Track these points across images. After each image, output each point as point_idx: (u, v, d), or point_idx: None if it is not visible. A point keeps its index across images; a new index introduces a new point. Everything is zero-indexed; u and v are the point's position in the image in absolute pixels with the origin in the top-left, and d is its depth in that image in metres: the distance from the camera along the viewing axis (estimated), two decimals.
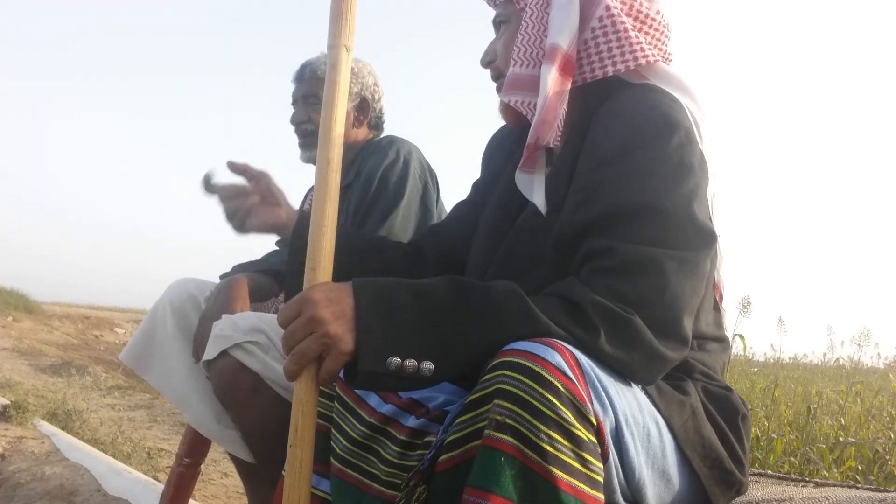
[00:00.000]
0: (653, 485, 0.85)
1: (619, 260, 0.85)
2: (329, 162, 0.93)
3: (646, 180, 0.89)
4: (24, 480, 2.48)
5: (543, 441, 0.69)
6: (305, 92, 1.81)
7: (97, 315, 12.21)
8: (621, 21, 1.00)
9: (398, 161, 1.73)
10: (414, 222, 1.73)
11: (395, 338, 0.79)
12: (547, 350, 0.73)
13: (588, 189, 0.93)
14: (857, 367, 7.16)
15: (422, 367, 0.79)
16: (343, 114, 0.96)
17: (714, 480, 0.91)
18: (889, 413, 3.66)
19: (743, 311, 2.91)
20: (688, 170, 0.91)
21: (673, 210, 0.88)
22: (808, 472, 2.73)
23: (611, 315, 0.81)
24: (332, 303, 0.81)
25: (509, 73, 1.04)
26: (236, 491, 2.81)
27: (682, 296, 0.86)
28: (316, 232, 0.89)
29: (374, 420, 1.00)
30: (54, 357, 7.57)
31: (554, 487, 0.68)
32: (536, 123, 0.99)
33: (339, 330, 0.79)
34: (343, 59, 0.95)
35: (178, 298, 1.67)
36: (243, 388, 1.46)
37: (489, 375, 0.74)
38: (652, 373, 0.85)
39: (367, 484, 0.98)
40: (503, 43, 1.11)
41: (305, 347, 0.81)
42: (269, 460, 1.46)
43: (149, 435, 3.89)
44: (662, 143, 0.91)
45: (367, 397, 1.02)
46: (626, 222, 0.88)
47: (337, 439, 1.03)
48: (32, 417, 3.53)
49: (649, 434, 0.84)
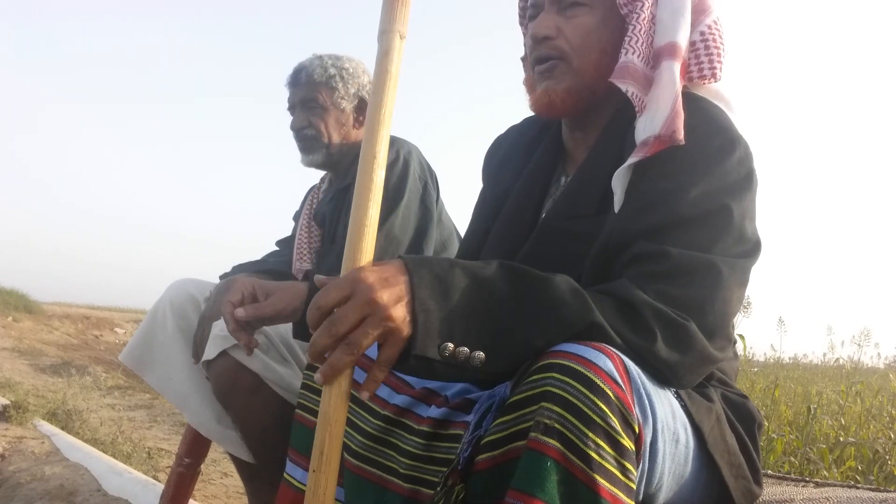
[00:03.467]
0: (668, 490, 0.84)
1: (672, 264, 0.85)
2: (375, 157, 0.84)
3: (707, 193, 0.90)
4: (24, 480, 2.48)
5: (590, 448, 0.68)
6: (304, 97, 1.80)
7: (97, 315, 12.21)
8: (721, 33, 1.02)
9: (398, 161, 1.73)
10: (414, 222, 1.73)
11: (451, 322, 0.75)
12: (599, 355, 0.72)
13: (646, 198, 0.92)
14: (857, 367, 7.16)
15: (473, 356, 0.75)
16: (393, 105, 0.87)
17: (741, 491, 0.91)
18: (889, 413, 3.66)
19: (743, 311, 2.91)
20: (747, 184, 0.93)
21: (730, 221, 0.89)
22: (808, 472, 2.73)
23: (667, 319, 0.81)
24: (389, 284, 0.75)
25: (624, 59, 0.98)
26: (236, 491, 2.81)
27: (731, 301, 0.86)
28: (356, 232, 0.82)
29: (388, 412, 0.98)
30: (54, 357, 7.57)
31: (596, 495, 0.67)
32: (670, 117, 0.93)
33: (400, 313, 0.74)
34: (396, 46, 0.88)
35: (178, 299, 1.66)
36: (243, 388, 1.46)
37: (537, 377, 0.72)
38: (698, 376, 0.86)
39: (387, 479, 0.97)
40: (581, 28, 1.02)
41: (362, 333, 0.74)
42: (270, 461, 1.46)
43: (149, 435, 3.88)
44: (726, 157, 0.92)
45: (377, 390, 1.01)
46: (681, 230, 0.88)
47: (351, 436, 1.01)
48: (32, 417, 3.53)
49: (678, 440, 0.83)
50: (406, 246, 1.70)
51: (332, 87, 1.79)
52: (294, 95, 1.83)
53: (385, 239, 1.66)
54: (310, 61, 1.83)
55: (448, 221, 1.88)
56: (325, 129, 1.80)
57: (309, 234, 1.90)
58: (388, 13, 0.89)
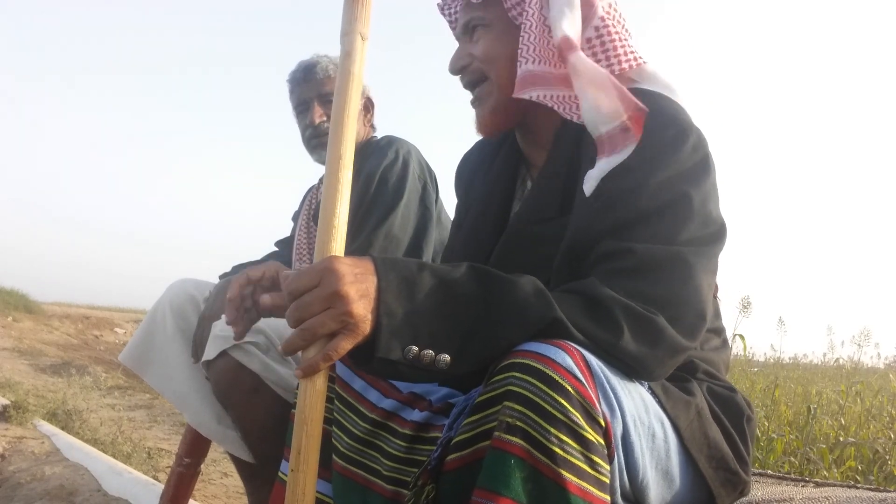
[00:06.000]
0: (656, 485, 0.85)
1: (638, 260, 0.85)
2: (340, 158, 0.86)
3: (665, 185, 0.90)
4: (24, 480, 2.48)
5: (553, 443, 0.69)
6: (321, 91, 1.80)
7: (97, 315, 12.21)
8: (619, 22, 1.02)
9: (397, 161, 1.73)
10: (413, 222, 1.73)
11: (416, 326, 0.76)
12: (558, 352, 0.73)
13: (609, 196, 0.92)
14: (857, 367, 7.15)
15: (439, 359, 0.76)
16: (357, 107, 0.89)
17: (720, 481, 0.92)
18: (889, 413, 3.66)
19: (743, 311, 2.91)
20: (704, 169, 0.93)
21: (691, 208, 0.89)
22: (808, 472, 2.73)
23: (634, 314, 0.81)
24: (358, 279, 0.76)
25: (523, 70, 1.01)
26: (236, 491, 2.81)
27: (701, 290, 0.87)
28: (325, 233, 0.83)
29: (375, 416, 0.99)
30: (54, 357, 7.57)
31: (563, 490, 0.68)
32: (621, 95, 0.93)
33: (361, 310, 0.75)
34: (358, 47, 0.90)
35: (178, 299, 1.66)
36: (243, 388, 1.46)
37: (499, 377, 0.73)
38: (668, 368, 0.86)
39: (371, 480, 0.98)
40: (484, 46, 1.07)
41: (319, 323, 0.75)
42: (269, 460, 1.46)
43: (149, 435, 3.89)
44: (679, 147, 0.92)
45: (366, 393, 1.02)
46: (644, 224, 0.88)
47: (340, 437, 1.03)
48: (32, 417, 3.53)
49: (654, 435, 0.84)
50: (406, 245, 1.70)
51: None
52: (308, 91, 1.82)
53: (385, 238, 1.66)
54: (318, 58, 1.83)
55: (447, 221, 1.88)
56: None
57: (308, 235, 1.89)
58: (349, 15, 0.90)
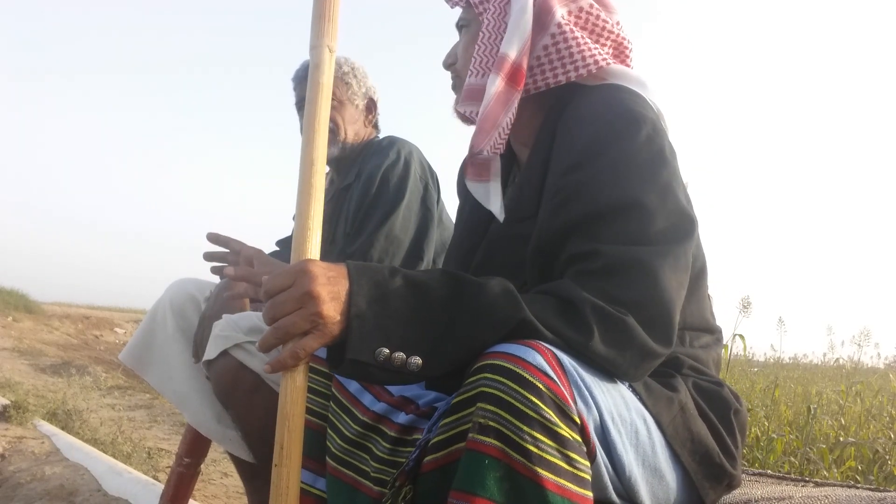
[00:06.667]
0: (645, 481, 0.85)
1: (604, 262, 0.85)
2: (313, 163, 0.89)
3: (621, 177, 0.89)
4: (24, 480, 2.48)
5: (527, 442, 0.69)
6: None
7: (97, 315, 12.21)
8: (577, 29, 1.02)
9: (399, 162, 1.73)
10: (415, 223, 1.73)
11: (387, 328, 0.77)
12: (528, 351, 0.73)
13: (563, 193, 0.92)
14: (857, 367, 7.15)
15: (410, 362, 0.77)
16: (327, 115, 0.93)
17: (703, 475, 0.91)
18: (889, 413, 3.66)
19: (743, 311, 2.91)
20: (660, 160, 0.92)
21: (652, 204, 0.88)
22: (808, 472, 2.73)
23: (605, 315, 0.81)
24: (331, 282, 0.78)
25: (466, 83, 1.04)
26: (236, 491, 2.81)
27: (671, 290, 0.85)
28: (300, 236, 0.85)
29: (367, 418, 1.00)
30: (54, 357, 7.57)
31: (540, 487, 0.68)
32: (474, 132, 1.00)
33: (332, 312, 0.77)
34: (326, 59, 0.94)
35: (178, 299, 1.67)
36: (244, 388, 1.46)
37: (472, 378, 0.74)
38: (642, 371, 0.85)
39: (360, 482, 0.99)
40: (462, 47, 1.11)
41: (291, 323, 0.78)
42: (270, 460, 1.46)
43: (149, 435, 3.89)
44: (631, 138, 0.91)
45: (361, 396, 1.02)
46: (606, 222, 0.87)
47: (332, 438, 1.03)
48: (32, 417, 3.53)
49: (637, 431, 0.84)
50: (407, 246, 1.70)
51: (347, 83, 1.81)
52: None
53: (385, 239, 1.66)
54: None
55: (449, 222, 1.88)
56: (342, 123, 1.80)
57: None
58: (316, 29, 0.95)
